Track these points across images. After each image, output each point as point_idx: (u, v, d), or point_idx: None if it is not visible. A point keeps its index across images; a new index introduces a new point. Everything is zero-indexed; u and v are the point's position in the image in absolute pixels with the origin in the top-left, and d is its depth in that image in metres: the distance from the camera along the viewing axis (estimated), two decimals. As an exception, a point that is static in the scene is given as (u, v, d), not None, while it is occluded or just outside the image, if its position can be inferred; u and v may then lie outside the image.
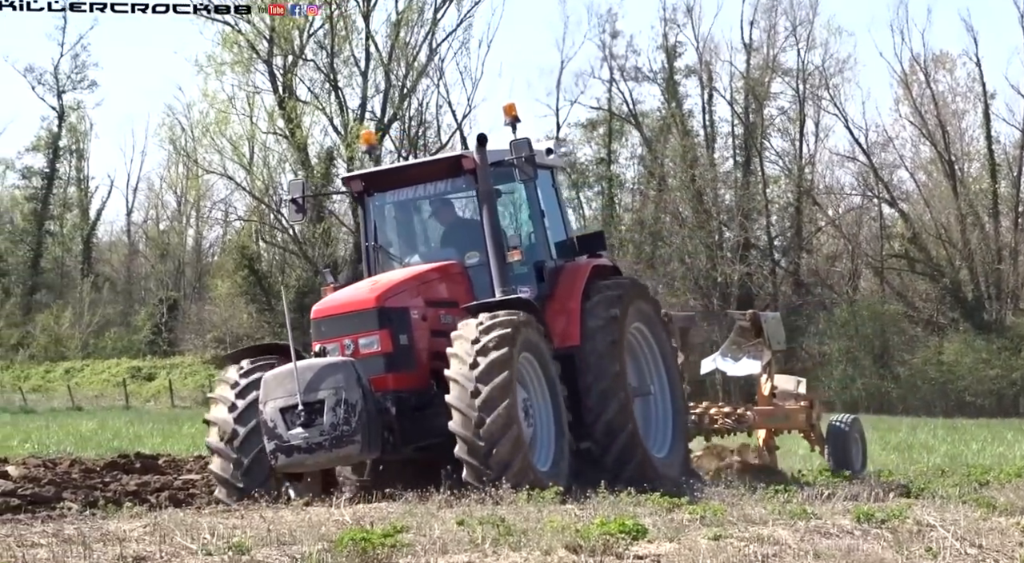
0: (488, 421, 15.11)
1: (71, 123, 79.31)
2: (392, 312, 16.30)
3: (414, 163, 19.74)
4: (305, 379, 15.21)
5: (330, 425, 15.13)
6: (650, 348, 18.74)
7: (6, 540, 11.24)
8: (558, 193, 18.87)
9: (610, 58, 75.79)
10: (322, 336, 16.26)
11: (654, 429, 18.46)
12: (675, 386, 18.87)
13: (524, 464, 15.18)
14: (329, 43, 67.89)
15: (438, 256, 17.93)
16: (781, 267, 72.98)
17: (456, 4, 70.09)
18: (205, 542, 10.67)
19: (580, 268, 18.04)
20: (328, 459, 15.37)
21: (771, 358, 22.17)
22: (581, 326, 17.46)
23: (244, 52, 66.87)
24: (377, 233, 18.21)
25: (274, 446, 15.26)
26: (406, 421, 16.01)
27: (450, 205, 18.31)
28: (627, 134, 77.53)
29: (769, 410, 21.88)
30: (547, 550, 10.15)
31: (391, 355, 16.18)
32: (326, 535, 11.04)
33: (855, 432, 21.93)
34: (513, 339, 15.56)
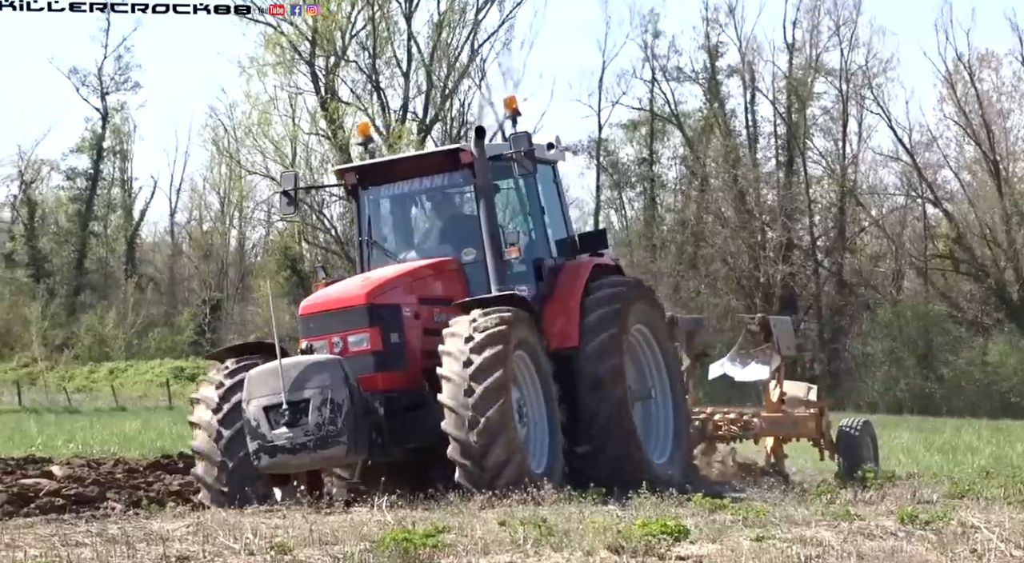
0: (482, 421, 14.67)
1: (115, 124, 79.75)
2: (383, 309, 15.84)
3: (410, 156, 19.30)
4: (290, 377, 14.75)
5: (315, 425, 14.67)
6: (652, 351, 18.22)
7: (51, 539, 11.30)
8: (559, 189, 18.37)
9: (652, 58, 75.74)
10: (310, 333, 15.81)
11: (655, 434, 17.97)
12: (677, 391, 18.36)
13: (519, 466, 14.77)
14: (371, 44, 67.99)
15: (434, 252, 17.45)
16: (824, 267, 72.67)
17: (498, 5, 70.16)
18: (247, 542, 10.70)
19: (581, 267, 17.54)
20: (313, 460, 14.89)
21: (780, 363, 21.65)
22: (580, 325, 16.95)
23: (286, 53, 67.03)
24: (371, 228, 17.73)
25: (257, 446, 14.83)
26: (396, 422, 15.54)
27: (447, 200, 17.87)
28: (669, 134, 77.40)
29: (777, 417, 21.33)
30: (589, 551, 10.13)
31: (381, 353, 15.72)
32: (368, 535, 11.05)
33: (866, 436, 21.44)
34: (508, 336, 15.12)
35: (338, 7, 66.89)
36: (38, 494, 16.43)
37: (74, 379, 68.80)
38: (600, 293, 17.18)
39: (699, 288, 69.94)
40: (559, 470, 15.59)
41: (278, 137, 68.21)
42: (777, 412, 21.39)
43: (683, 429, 18.26)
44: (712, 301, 67.59)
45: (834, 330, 70.56)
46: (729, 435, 20.83)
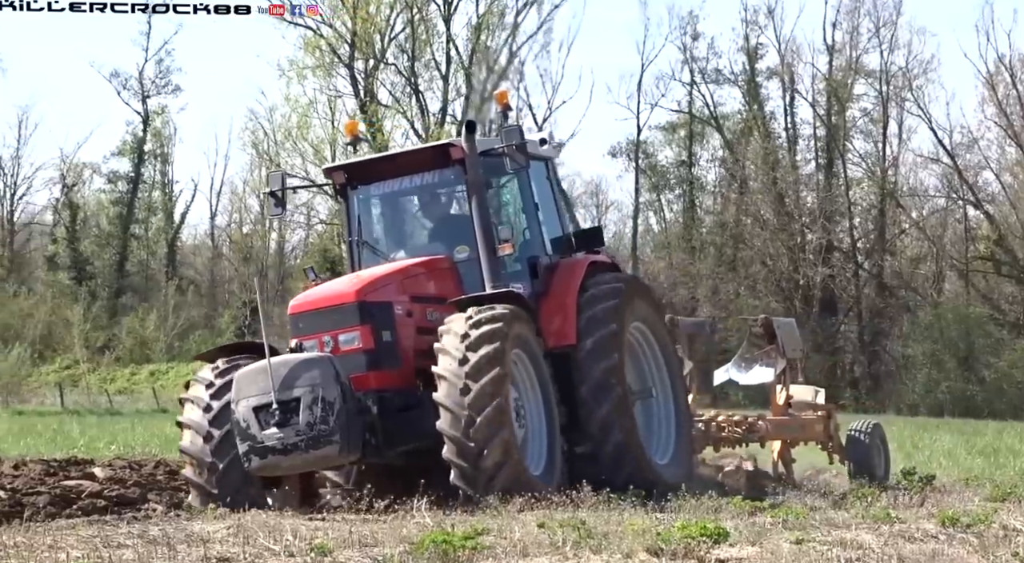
0: (479, 420, 14.27)
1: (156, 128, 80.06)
2: (374, 307, 15.39)
3: (399, 152, 18.80)
4: (280, 376, 14.33)
5: (306, 424, 14.24)
6: (651, 349, 17.79)
7: (92, 541, 11.35)
8: (553, 186, 17.88)
9: (691, 60, 75.64)
10: (300, 332, 15.42)
11: (656, 434, 17.56)
12: (679, 389, 17.91)
13: (517, 467, 14.42)
14: (410, 47, 68.12)
15: (426, 251, 17.04)
16: (864, 270, 72.40)
17: (536, 7, 70.19)
18: (287, 543, 10.72)
19: (576, 264, 17.11)
20: (304, 461, 14.45)
21: (786, 366, 21.28)
22: (577, 322, 16.55)
23: (325, 56, 67.22)
24: (361, 227, 17.28)
25: (247, 447, 14.41)
26: (390, 422, 15.06)
27: (438, 197, 17.46)
28: (708, 136, 77.28)
29: (783, 420, 20.97)
30: (628, 553, 10.12)
31: (373, 352, 15.26)
32: (407, 537, 11.07)
33: (876, 439, 21.13)
34: (505, 334, 14.75)
35: (377, 10, 67.06)
36: (80, 496, 16.50)
37: (116, 381, 69.12)
38: (597, 291, 16.79)
39: (738, 290, 69.77)
40: (558, 472, 15.26)
41: (317, 140, 68.41)
42: (783, 415, 21.09)
43: (685, 429, 17.85)
44: (752, 303, 67.40)
45: (874, 332, 70.29)
46: (733, 438, 20.38)
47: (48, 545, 11.05)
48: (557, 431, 15.47)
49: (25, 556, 10.45)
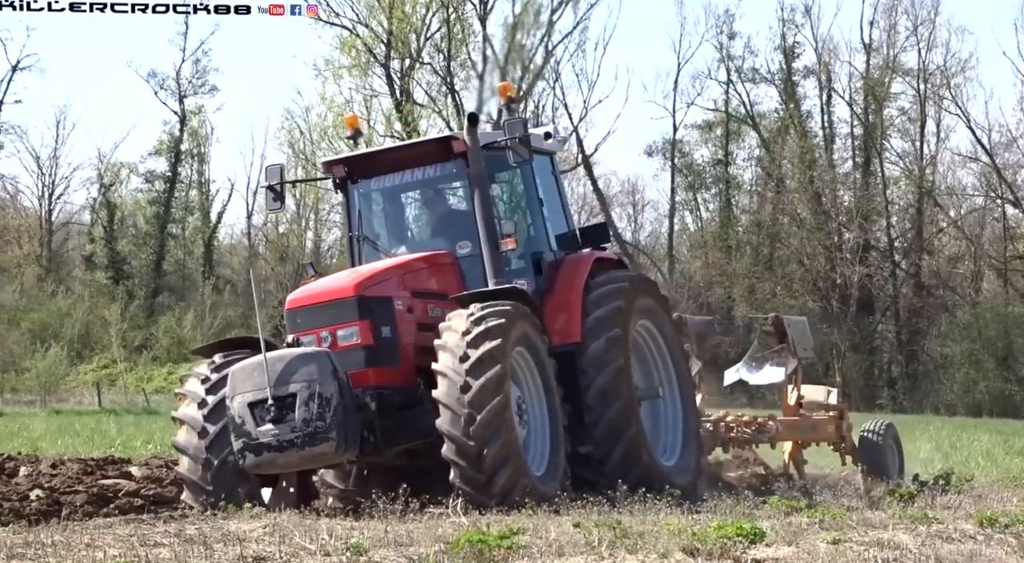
0: (479, 418, 14.01)
1: (192, 127, 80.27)
2: (373, 302, 15.12)
3: (400, 145, 18.18)
4: (275, 371, 14.06)
5: (302, 421, 13.96)
6: (658, 348, 17.46)
7: (129, 539, 11.40)
8: (558, 181, 17.65)
9: (727, 59, 75.40)
10: (298, 328, 15.16)
11: (663, 434, 17.24)
12: (686, 389, 17.57)
13: (517, 467, 14.15)
14: (446, 46, 68.16)
15: (428, 246, 16.76)
16: (902, 269, 72.09)
17: (572, 6, 70.10)
18: (323, 543, 10.75)
19: (581, 261, 16.84)
20: (300, 458, 14.16)
21: (797, 366, 20.97)
22: (582, 322, 16.25)
23: (362, 56, 67.31)
24: (362, 222, 17.01)
25: (242, 444, 14.13)
26: (389, 420, 14.80)
27: (440, 191, 17.21)
28: (744, 135, 77.05)
29: (795, 421, 20.67)
30: (664, 553, 10.11)
31: (372, 348, 14.99)
32: (442, 536, 11.08)
33: (889, 439, 20.84)
34: (507, 331, 14.47)
35: (413, 9, 67.10)
36: (117, 495, 16.57)
37: (153, 380, 69.30)
38: (602, 289, 16.51)
39: (775, 290, 69.54)
40: (561, 473, 15.04)
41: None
42: (795, 415, 20.80)
43: (693, 429, 17.47)
44: (788, 302, 67.17)
45: (912, 332, 69.98)
46: (743, 439, 20.01)
47: (86, 544, 11.11)
48: (561, 431, 15.22)
49: (63, 554, 10.50)
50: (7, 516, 14.72)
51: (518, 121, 15.99)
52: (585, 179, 75.20)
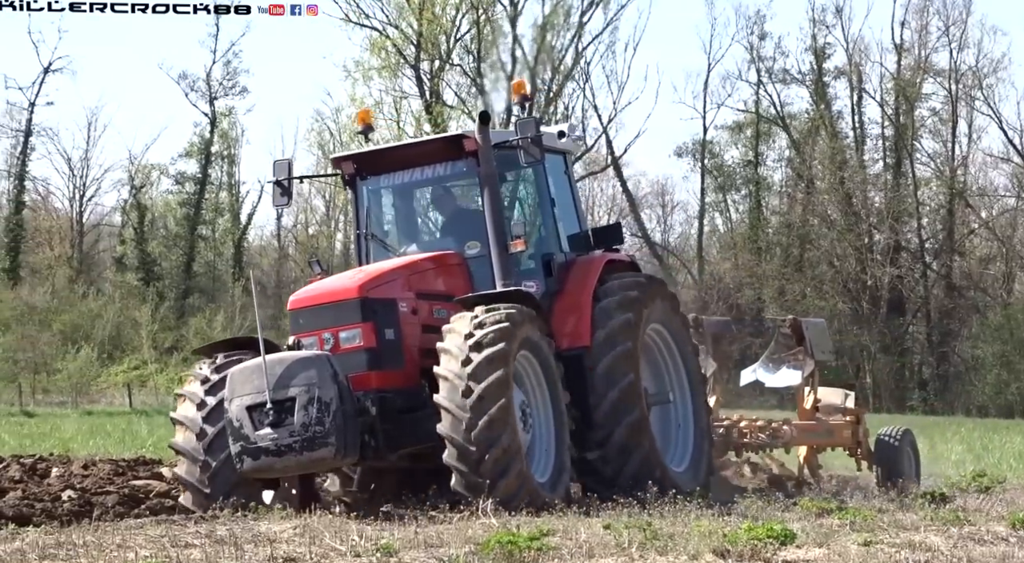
0: (480, 423, 13.69)
1: (223, 129, 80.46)
2: (377, 303, 14.81)
3: (411, 143, 17.87)
4: (275, 374, 13.77)
5: (301, 425, 13.66)
6: (670, 351, 17.09)
7: (160, 540, 11.43)
8: (571, 181, 17.20)
9: (758, 60, 75.29)
10: (300, 329, 14.89)
11: (674, 440, 16.93)
12: (698, 393, 17.20)
13: (520, 473, 13.82)
14: (476, 48, 68.21)
15: (437, 246, 16.45)
16: (933, 270, 71.87)
17: (603, 7, 70.09)
18: (353, 544, 10.77)
19: (593, 262, 16.50)
20: (299, 463, 13.85)
21: (814, 368, 20.56)
22: (592, 327, 15.91)
23: (391, 57, 67.41)
24: (370, 220, 16.67)
25: (240, 448, 13.84)
26: (391, 424, 14.50)
27: (450, 190, 16.85)
28: (775, 136, 76.92)
29: (810, 425, 20.27)
30: (694, 554, 10.09)
31: (375, 350, 14.68)
32: (473, 538, 11.08)
33: (906, 445, 20.39)
34: (511, 334, 14.15)
35: (443, 11, 67.17)
36: (148, 495, 16.60)
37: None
38: (614, 292, 16.18)
39: (805, 291, 69.38)
40: (566, 479, 14.82)
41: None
42: (810, 419, 20.44)
43: (704, 434, 17.11)
44: (818, 304, 67.04)
45: (943, 333, 69.74)
46: (756, 443, 19.51)
47: (117, 544, 11.14)
48: (566, 437, 14.92)
49: (94, 555, 10.54)
50: (39, 517, 14.75)
51: (530, 120, 15.70)
52: (615, 180, 75.27)
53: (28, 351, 60.62)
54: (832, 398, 21.09)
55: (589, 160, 73.92)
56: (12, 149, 73.22)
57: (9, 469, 19.16)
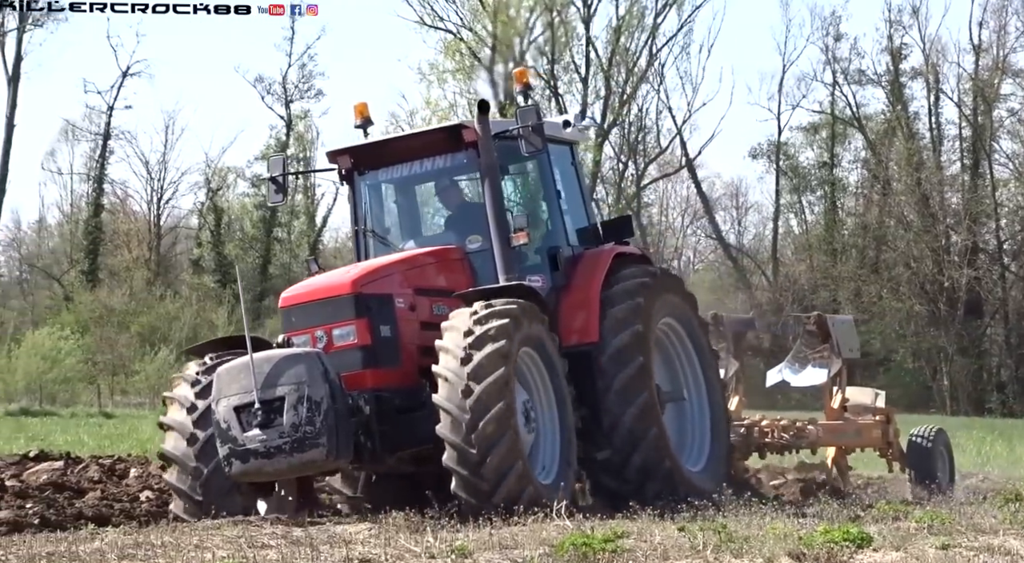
0: (481, 425, 13.21)
1: (298, 132, 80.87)
2: (371, 299, 14.32)
3: (408, 134, 17.34)
4: (263, 373, 13.27)
5: (291, 426, 13.16)
6: (684, 348, 16.64)
7: (237, 541, 11.51)
8: (579, 172, 16.73)
9: (833, 61, 74.75)
10: (292, 327, 14.40)
11: (690, 440, 16.46)
12: (714, 391, 16.71)
13: (522, 475, 13.36)
14: (550, 50, 68.23)
15: (438, 241, 16.01)
16: (1011, 272, 71.13)
17: (677, 9, 69.90)
18: (428, 545, 10.79)
19: (601, 255, 15.97)
20: (289, 465, 13.33)
21: (841, 367, 20.05)
22: (600, 319, 15.45)
23: (466, 60, 67.54)
24: (368, 216, 16.26)
25: (228, 450, 13.33)
26: (388, 425, 14.01)
27: (450, 183, 16.29)
28: (850, 137, 76.37)
29: (837, 425, 19.82)
30: (770, 557, 10.05)
31: (370, 348, 14.18)
32: (547, 540, 11.08)
33: (940, 446, 19.94)
34: (513, 331, 13.66)
35: (517, 13, 67.20)
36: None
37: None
38: (622, 284, 15.70)
39: (881, 293, 68.88)
40: (572, 481, 14.37)
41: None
42: (838, 419, 19.99)
43: (721, 434, 16.62)
44: (894, 305, 66.57)
45: (1021, 335, 69.01)
46: (779, 444, 19.08)
47: (194, 545, 11.23)
48: (572, 436, 14.46)
49: (172, 555, 10.63)
50: (118, 517, 14.90)
51: (531, 108, 15.08)
52: (689, 182, 75.05)
53: (107, 353, 61.14)
54: (861, 397, 20.70)
55: (663, 162, 73.84)
56: (91, 152, 73.87)
57: (88, 470, 19.35)
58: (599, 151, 67.61)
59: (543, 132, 15.03)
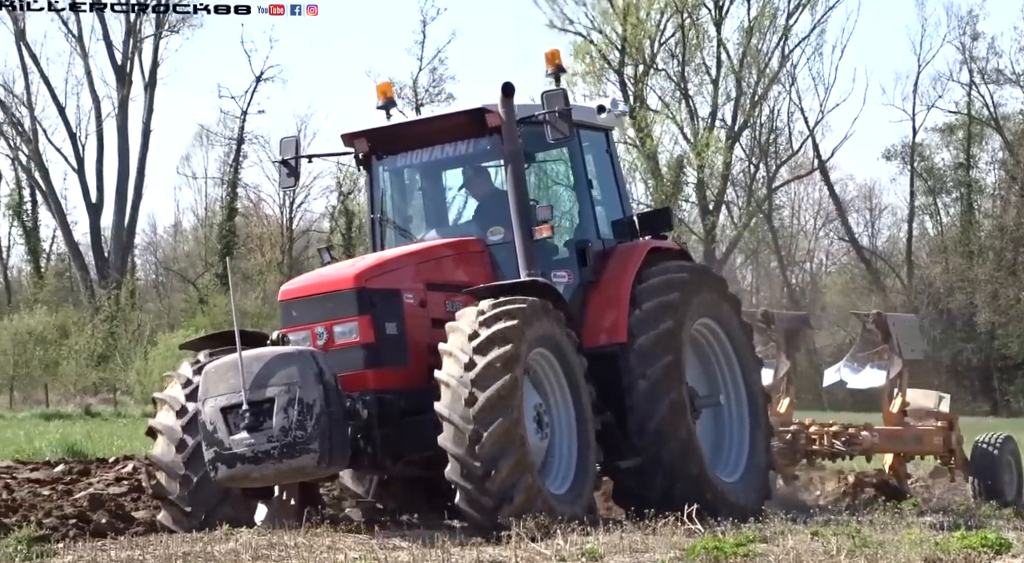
0: (485, 436, 12.20)
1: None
2: (376, 294, 13.33)
3: (429, 117, 16.21)
4: (252, 372, 12.38)
5: (280, 429, 12.25)
6: (723, 350, 15.44)
7: (369, 543, 11.59)
8: (614, 161, 15.58)
9: (970, 61, 73.66)
10: (292, 322, 13.45)
11: (727, 448, 15.33)
12: (755, 396, 15.49)
13: (531, 489, 12.36)
14: (680, 52, 67.99)
15: (458, 232, 14.94)
16: None
17: (809, 10, 69.35)
18: (558, 548, 10.79)
19: (634, 250, 14.88)
20: (278, 471, 12.41)
21: (902, 368, 18.72)
22: (629, 318, 14.39)
23: (596, 62, 67.53)
24: (387, 204, 15.31)
25: (214, 454, 12.43)
26: (391, 429, 13.05)
27: (474, 171, 15.23)
28: (987, 138, 75.22)
29: (896, 430, 18.50)
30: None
31: (373, 347, 13.19)
32: (677, 543, 11.04)
33: (1007, 454, 18.72)
34: (521, 333, 12.62)
35: (648, 16, 67.09)
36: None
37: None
38: (655, 280, 14.59)
39: (1019, 295, 67.76)
40: (589, 490, 13.30)
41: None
42: (897, 424, 18.68)
43: (760, 444, 15.41)
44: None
45: None
46: (828, 451, 17.86)
47: (327, 546, 11.33)
48: (591, 443, 13.37)
49: (305, 556, 10.73)
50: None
51: (558, 92, 14.10)
52: (821, 184, 74.33)
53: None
54: (924, 401, 19.31)
55: (795, 164, 73.23)
56: (225, 157, 74.76)
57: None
58: (729, 152, 67.28)
59: (570, 118, 14.04)
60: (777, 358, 18.12)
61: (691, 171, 67.61)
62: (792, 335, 18.98)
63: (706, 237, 65.92)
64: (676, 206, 64.68)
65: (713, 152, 66.14)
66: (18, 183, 69.29)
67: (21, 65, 67.28)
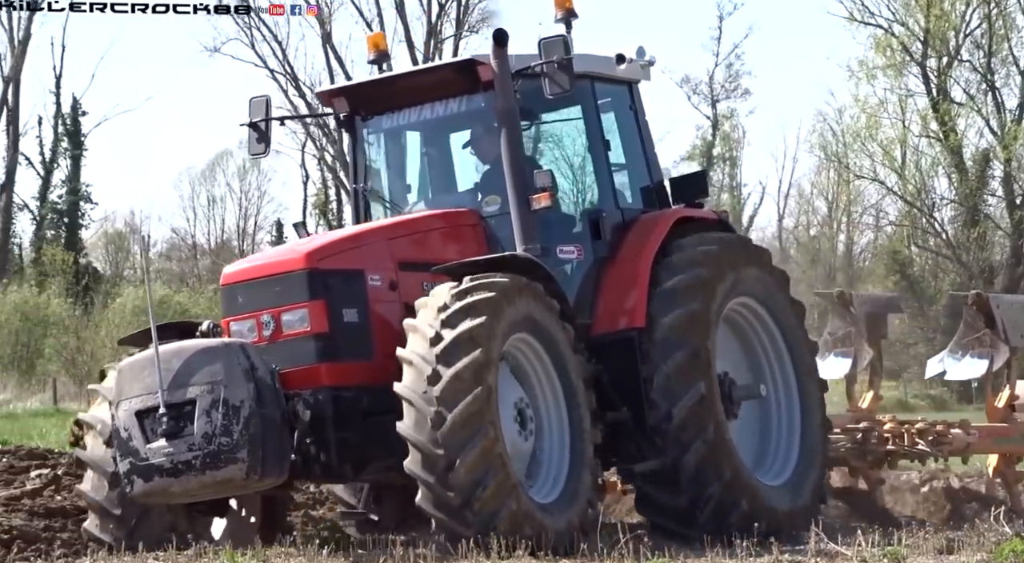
0: (450, 418, 10.53)
1: (725, 131, 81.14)
2: (333, 276, 11.51)
3: (413, 71, 14.57)
4: (171, 370, 10.74)
5: (202, 436, 10.62)
6: (768, 334, 13.39)
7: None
8: (639, 119, 13.45)
9: None
10: (235, 310, 11.63)
11: (773, 448, 13.31)
12: (807, 388, 13.40)
13: (504, 486, 10.65)
14: (987, 42, 66.33)
15: (451, 202, 13.03)
16: None
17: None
18: (859, 548, 10.69)
19: (659, 220, 12.89)
20: (201, 484, 10.72)
21: (1010, 357, 16.23)
22: (649, 297, 12.47)
23: (897, 55, 66.39)
24: (371, 171, 13.47)
25: (128, 466, 10.76)
26: (351, 432, 11.28)
27: (470, 132, 13.27)
28: None
29: (998, 428, 15.95)
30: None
31: (327, 337, 11.37)
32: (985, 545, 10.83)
33: None
34: (498, 307, 10.92)
35: (952, 6, 65.70)
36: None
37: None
38: (681, 253, 12.65)
39: None
40: (581, 503, 11.43)
41: (886, 141, 67.59)
42: (1004, 421, 16.12)
43: (813, 441, 13.34)
44: None
45: None
46: (908, 452, 15.40)
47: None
48: (587, 447, 11.61)
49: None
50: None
51: (557, 39, 12.05)
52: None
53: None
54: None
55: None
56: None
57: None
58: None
59: (571, 69, 11.99)
60: (857, 345, 15.99)
61: (997, 165, 65.93)
62: (875, 319, 16.32)
63: (1013, 232, 64.22)
64: (982, 202, 63.34)
65: (1021, 145, 64.27)
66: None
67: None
